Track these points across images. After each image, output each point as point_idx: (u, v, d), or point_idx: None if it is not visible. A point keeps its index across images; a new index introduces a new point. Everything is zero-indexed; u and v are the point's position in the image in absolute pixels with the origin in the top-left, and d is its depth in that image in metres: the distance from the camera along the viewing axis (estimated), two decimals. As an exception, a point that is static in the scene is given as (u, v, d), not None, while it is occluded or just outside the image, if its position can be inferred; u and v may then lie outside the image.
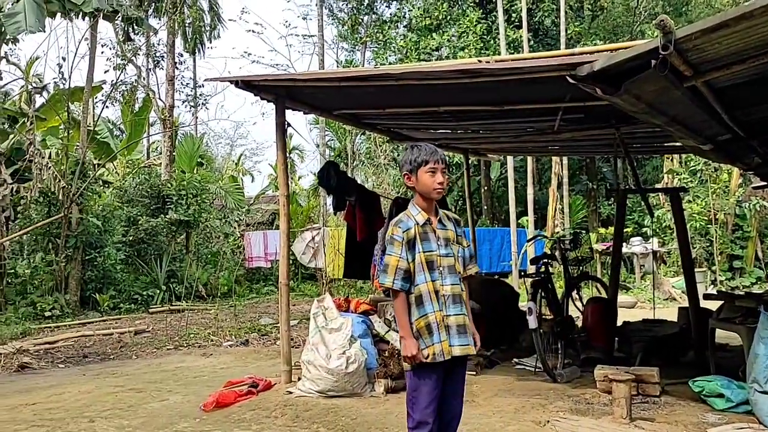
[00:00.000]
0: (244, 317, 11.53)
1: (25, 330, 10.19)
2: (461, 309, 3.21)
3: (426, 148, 3.26)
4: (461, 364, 3.29)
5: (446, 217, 3.34)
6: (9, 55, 13.62)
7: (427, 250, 3.19)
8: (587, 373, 5.92)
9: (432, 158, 3.21)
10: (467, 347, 3.21)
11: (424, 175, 3.22)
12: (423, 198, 3.26)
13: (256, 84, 5.86)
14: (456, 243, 3.29)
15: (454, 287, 3.20)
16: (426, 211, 3.25)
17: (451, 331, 3.16)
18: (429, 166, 3.21)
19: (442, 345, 3.14)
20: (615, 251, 7.79)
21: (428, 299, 3.16)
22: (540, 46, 18.73)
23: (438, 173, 3.21)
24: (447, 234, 3.27)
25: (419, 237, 3.20)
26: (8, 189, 12.32)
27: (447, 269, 3.20)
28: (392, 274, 3.16)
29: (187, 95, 24.91)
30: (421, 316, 3.17)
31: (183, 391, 6.10)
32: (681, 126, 5.05)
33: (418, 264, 3.18)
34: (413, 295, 3.20)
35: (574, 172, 22.30)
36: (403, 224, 3.23)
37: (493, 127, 7.48)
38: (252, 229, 20.24)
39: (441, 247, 3.22)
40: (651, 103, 4.21)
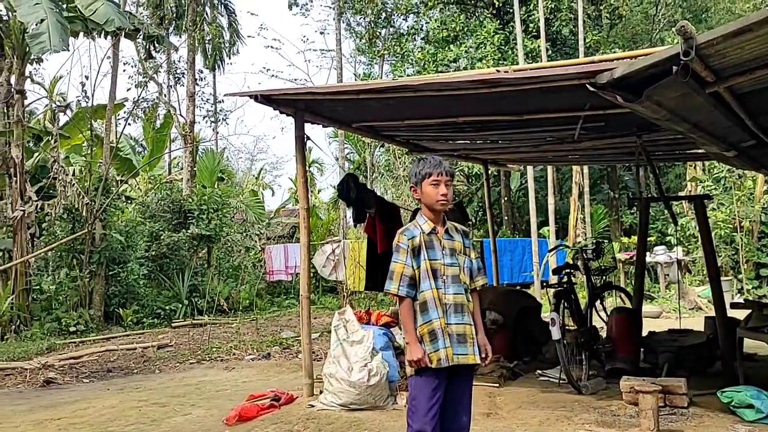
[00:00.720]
0: (266, 330, 11.56)
1: (51, 345, 10.30)
2: (463, 318, 3.25)
3: (431, 161, 3.33)
4: (465, 375, 3.31)
5: (454, 228, 3.39)
6: (33, 75, 13.87)
7: (432, 258, 3.26)
8: (612, 384, 5.83)
9: (435, 170, 3.28)
10: (466, 356, 3.23)
11: (427, 187, 3.29)
12: (429, 209, 3.33)
13: (275, 98, 5.90)
14: (462, 254, 3.34)
15: (456, 296, 3.25)
16: (433, 222, 3.32)
17: (452, 340, 3.21)
18: (432, 179, 3.27)
19: (447, 351, 3.18)
20: (639, 260, 7.68)
21: (433, 306, 3.22)
22: (558, 56, 18.67)
23: (441, 185, 3.27)
24: (453, 244, 3.32)
25: (425, 245, 3.27)
26: (33, 206, 12.50)
27: (451, 278, 3.26)
28: (397, 280, 3.24)
29: (207, 111, 25.19)
30: (425, 323, 3.23)
31: (206, 404, 6.11)
32: (704, 133, 4.98)
33: (424, 271, 3.25)
34: (418, 302, 3.26)
35: (595, 181, 22.12)
36: (409, 232, 3.31)
37: (513, 136, 7.45)
38: (272, 242, 20.32)
39: (446, 256, 3.28)
40: (673, 110, 4.16)
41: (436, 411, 3.16)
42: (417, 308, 3.25)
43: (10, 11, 11.60)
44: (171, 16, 21.80)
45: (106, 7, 11.60)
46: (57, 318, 11.95)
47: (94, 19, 11.53)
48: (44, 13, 10.64)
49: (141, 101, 20.09)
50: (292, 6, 26.07)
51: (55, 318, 11.96)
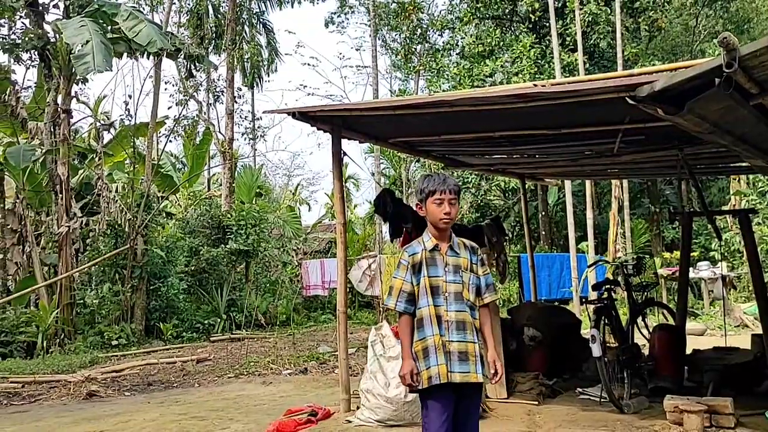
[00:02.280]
0: (303, 345, 11.61)
1: (93, 359, 10.51)
2: (465, 336, 3.22)
3: (436, 179, 3.33)
4: (471, 393, 3.28)
5: (463, 245, 3.38)
6: (79, 94, 14.31)
7: (432, 275, 3.26)
8: (656, 403, 5.69)
9: (439, 188, 3.27)
10: (468, 375, 3.20)
11: (431, 206, 3.29)
12: (434, 227, 3.33)
13: (312, 115, 5.96)
14: (469, 271, 3.32)
15: (458, 314, 3.23)
16: (437, 239, 3.32)
17: (452, 357, 3.19)
18: (436, 197, 3.27)
19: (439, 368, 3.16)
20: (682, 276, 7.51)
21: (428, 323, 3.22)
22: (596, 69, 18.47)
23: (445, 203, 3.26)
24: (458, 261, 3.31)
25: (426, 262, 3.28)
26: (78, 222, 12.83)
27: (453, 295, 3.24)
28: (395, 296, 3.26)
29: (245, 128, 25.55)
30: (420, 339, 3.24)
31: (244, 419, 6.15)
32: (748, 145, 4.87)
33: (423, 288, 3.25)
34: (416, 318, 3.27)
35: (635, 195, 21.73)
36: (411, 249, 3.34)
37: (550, 151, 7.38)
38: (309, 257, 20.44)
39: (448, 273, 3.27)
40: (716, 123, 4.07)
41: (447, 427, 3.16)
42: (415, 325, 3.26)
43: (58, 33, 12.01)
44: (211, 35, 22.29)
45: (148, 29, 11.92)
46: (100, 332, 12.21)
47: (137, 40, 11.86)
48: (89, 34, 10.99)
49: (181, 119, 20.49)
50: (328, 24, 26.45)
51: (98, 332, 12.21)
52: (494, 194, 23.02)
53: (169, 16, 19.22)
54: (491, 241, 7.93)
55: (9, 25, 12.82)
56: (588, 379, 6.72)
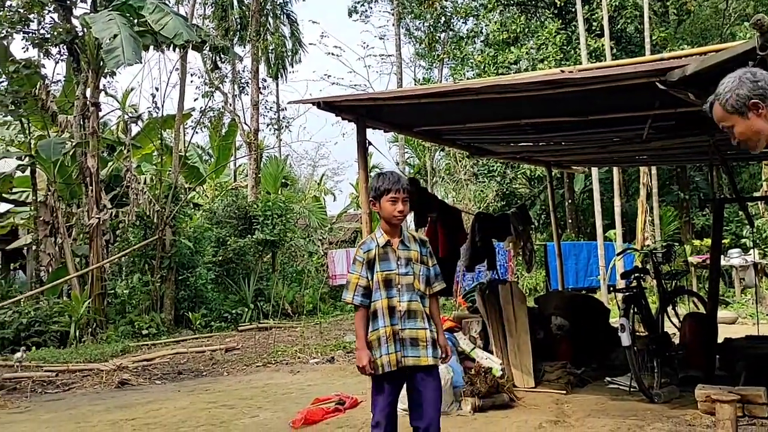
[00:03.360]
0: (329, 334, 11.68)
1: (125, 348, 10.70)
2: (416, 323, 3.42)
3: (390, 177, 3.49)
4: (425, 375, 3.43)
5: (412, 238, 3.56)
6: (107, 88, 14.50)
7: (385, 269, 3.43)
8: (686, 393, 5.62)
9: (394, 187, 3.43)
10: (418, 359, 3.39)
11: (386, 203, 3.45)
12: (386, 223, 3.49)
13: (337, 105, 5.96)
14: (419, 263, 3.50)
15: (411, 303, 3.41)
16: (389, 234, 3.49)
17: (405, 344, 3.39)
18: (390, 195, 3.43)
19: (390, 357, 3.37)
20: (713, 264, 7.38)
21: (381, 315, 3.40)
22: (623, 54, 18.17)
23: (399, 202, 3.43)
24: (409, 254, 3.48)
25: (379, 257, 3.45)
26: (108, 214, 13.03)
27: (405, 287, 3.43)
28: (352, 290, 3.45)
29: (270, 119, 25.66)
30: (373, 330, 3.43)
31: (272, 407, 6.22)
32: (783, 130, 4.75)
33: (376, 282, 3.43)
34: (370, 310, 3.45)
35: (664, 182, 21.40)
36: (365, 246, 3.52)
37: (577, 138, 7.29)
38: (335, 247, 20.54)
39: (401, 266, 3.44)
40: (749, 107, 3.98)
41: (390, 407, 3.43)
42: (370, 316, 3.45)
43: (86, 27, 12.15)
44: (235, 27, 22.40)
45: (174, 22, 12.00)
46: (130, 321, 12.41)
47: (164, 33, 11.94)
48: (117, 28, 11.09)
49: (207, 111, 20.68)
50: (352, 13, 26.40)
51: (129, 321, 12.42)
52: (520, 182, 22.85)
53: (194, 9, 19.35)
54: (517, 229, 7.88)
55: (38, 20, 13.01)
56: (617, 369, 6.66)
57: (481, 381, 5.59)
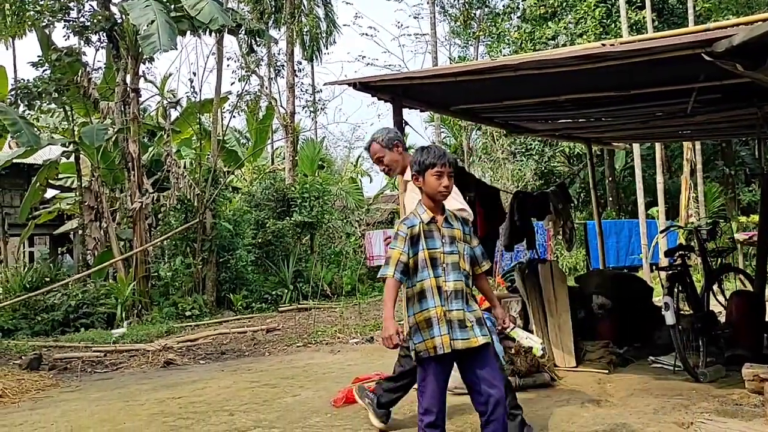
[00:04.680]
0: (368, 315, 11.75)
1: (169, 329, 10.95)
2: (461, 305, 3.30)
3: (435, 151, 3.38)
4: (477, 354, 3.33)
5: (453, 216, 3.44)
6: (146, 74, 14.70)
7: (431, 248, 3.31)
8: (733, 372, 5.49)
9: (439, 161, 3.32)
10: (468, 341, 3.28)
11: (430, 178, 3.34)
12: (429, 199, 3.38)
13: (373, 85, 5.93)
14: (462, 241, 3.39)
15: (456, 283, 3.30)
16: (432, 211, 3.36)
17: (453, 326, 3.27)
18: (436, 170, 3.32)
19: (443, 339, 3.24)
20: (760, 240, 7.18)
21: (430, 295, 3.28)
22: (665, 26, 17.64)
23: (444, 177, 3.32)
24: (453, 232, 3.36)
25: (424, 234, 3.32)
26: (150, 198, 13.29)
27: (450, 266, 3.31)
28: (393, 265, 3.28)
29: (306, 101, 25.77)
30: (422, 310, 3.29)
31: (314, 386, 6.30)
32: (836, 100, 4.57)
33: (422, 260, 3.30)
34: (415, 290, 3.32)
35: (708, 157, 20.83)
36: (409, 221, 3.37)
37: (618, 113, 7.13)
38: (372, 228, 20.60)
39: (445, 244, 3.32)
40: (801, 77, 3.83)
41: (441, 393, 3.33)
42: (414, 296, 3.32)
43: (124, 14, 12.33)
44: (270, 10, 22.44)
45: (210, 6, 12.07)
46: (174, 303, 12.69)
47: (200, 18, 12.04)
48: (154, 14, 11.22)
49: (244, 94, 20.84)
50: (385, -8, 26.12)
51: (172, 303, 12.70)
52: (558, 160, 22.52)
53: (228, -8, 19.41)
54: (557, 208, 7.77)
55: (78, 8, 13.25)
56: (660, 348, 6.55)
57: (521, 360, 5.56)
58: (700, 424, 4.33)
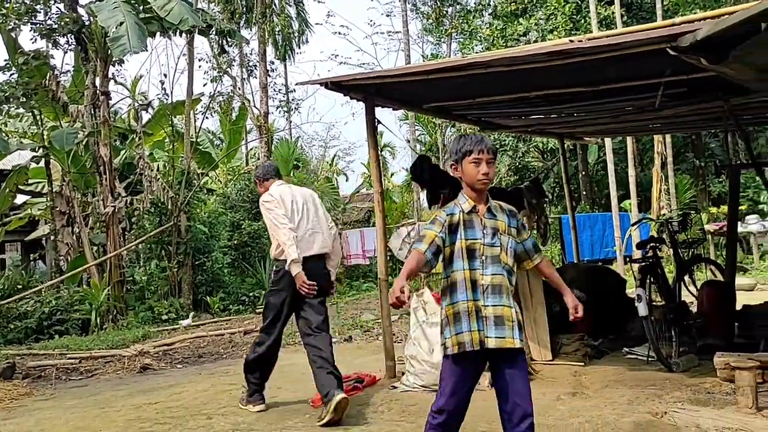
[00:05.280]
0: (346, 314, 11.74)
1: (145, 333, 10.82)
2: (501, 300, 3.08)
3: (472, 138, 3.17)
4: (510, 360, 3.09)
5: (499, 207, 3.24)
6: (116, 76, 14.51)
7: (470, 238, 3.12)
8: (705, 361, 5.60)
9: (476, 148, 3.12)
10: (503, 340, 3.04)
11: (468, 166, 3.14)
12: (470, 188, 3.19)
13: (345, 84, 5.94)
14: (507, 234, 3.17)
15: (495, 277, 3.09)
16: (474, 200, 3.18)
17: (488, 322, 3.05)
18: (473, 156, 3.12)
19: (472, 335, 3.04)
20: (730, 231, 7.31)
21: (462, 287, 3.09)
22: (634, 21, 17.86)
23: (483, 164, 3.11)
24: (496, 224, 3.16)
25: (464, 224, 3.14)
26: (123, 202, 13.12)
27: (490, 259, 3.10)
28: (427, 243, 3.09)
29: (280, 101, 25.59)
30: (452, 303, 3.12)
31: (292, 387, 6.28)
32: (799, 92, 4.67)
33: (459, 250, 3.11)
34: (448, 281, 3.15)
35: (679, 150, 21.16)
36: (449, 209, 3.21)
37: (589, 108, 7.21)
38: (349, 227, 20.57)
39: (486, 236, 3.13)
40: (764, 70, 3.92)
41: (462, 394, 3.11)
42: (447, 289, 3.15)
43: (92, 16, 12.14)
44: (241, 10, 22.25)
45: (179, 7, 11.94)
46: (150, 307, 12.55)
47: (169, 19, 11.89)
48: (123, 16, 11.06)
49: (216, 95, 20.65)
50: (357, -10, 26.10)
51: (148, 307, 12.56)
52: (532, 156, 22.71)
53: (199, -7, 19.22)
54: (531, 203, 7.85)
55: (45, 10, 13.01)
56: (634, 339, 6.66)
57: (498, 355, 5.60)
58: (673, 413, 4.42)
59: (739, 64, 3.72)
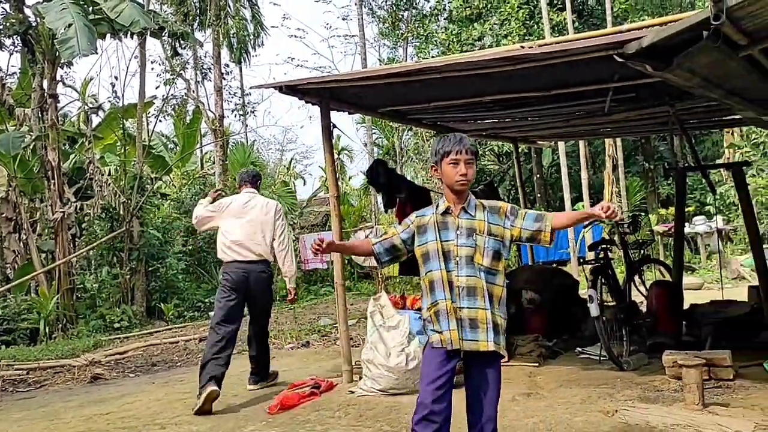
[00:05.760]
0: (304, 319, 11.67)
1: (96, 342, 10.55)
2: (476, 302, 3.05)
3: (451, 139, 3.15)
4: (483, 364, 3.11)
5: (480, 206, 3.16)
6: (65, 78, 14.12)
7: (444, 239, 3.11)
8: (655, 359, 5.76)
9: (455, 149, 3.09)
10: (477, 343, 3.04)
11: (447, 167, 3.11)
12: (450, 189, 3.16)
13: (300, 88, 5.90)
14: (486, 234, 3.08)
15: (469, 279, 3.05)
16: (452, 201, 3.15)
17: (464, 324, 3.05)
18: (451, 158, 3.10)
19: (451, 333, 3.05)
20: (677, 232, 7.54)
21: (440, 287, 3.09)
22: (585, 27, 18.28)
23: (461, 164, 3.08)
24: (472, 224, 3.10)
25: (438, 226, 3.14)
26: (73, 207, 12.78)
27: (464, 260, 3.06)
28: (381, 238, 3.30)
29: (235, 104, 25.31)
30: (432, 303, 3.13)
31: (248, 395, 6.21)
32: (739, 98, 4.85)
33: (435, 251, 3.11)
34: (426, 281, 3.16)
35: (630, 153, 21.71)
36: (421, 211, 3.27)
37: (542, 113, 7.34)
38: (306, 231, 20.45)
39: (460, 236, 3.09)
40: (706, 77, 4.05)
41: (442, 384, 3.06)
42: (426, 288, 3.16)
43: (39, 17, 11.80)
44: (194, 12, 21.93)
45: (130, 9, 11.71)
46: (101, 315, 12.24)
47: (120, 21, 11.65)
48: (71, 18, 10.79)
49: (170, 98, 20.32)
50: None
51: (100, 315, 12.25)
52: (489, 159, 22.96)
53: (151, -6, 18.86)
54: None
55: (-11, 11, 12.62)
56: (587, 339, 6.79)
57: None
58: (624, 411, 4.52)
59: (683, 71, 3.83)
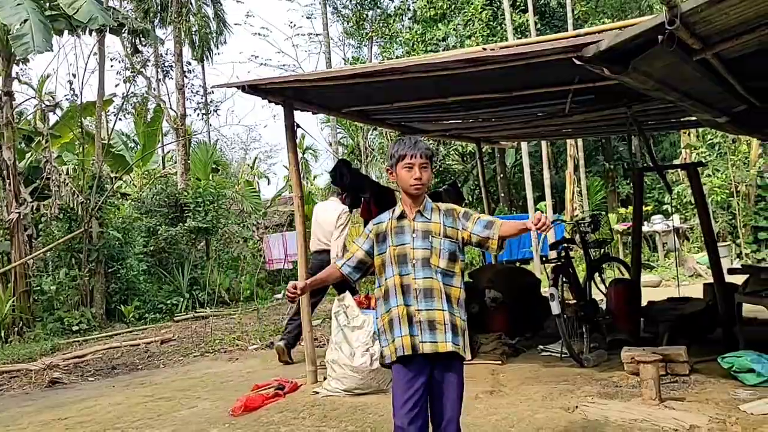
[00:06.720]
0: (268, 320, 11.58)
1: (54, 345, 10.31)
2: (433, 304, 3.03)
3: (406, 143, 3.12)
4: (445, 366, 3.08)
5: (437, 209, 3.15)
6: (20, 75, 13.77)
7: (399, 243, 3.09)
8: (614, 355, 5.88)
9: (409, 152, 3.07)
10: (436, 344, 3.01)
11: (401, 171, 3.10)
12: (405, 193, 3.14)
13: (263, 87, 5.86)
14: (441, 236, 3.07)
15: (426, 281, 3.04)
16: (407, 205, 3.14)
17: (423, 326, 3.02)
18: (406, 161, 3.08)
19: (403, 339, 3.01)
20: (635, 231, 7.70)
21: (393, 294, 3.07)
22: (547, 29, 18.55)
23: (415, 168, 3.06)
24: (428, 226, 3.09)
25: (393, 231, 3.12)
26: (29, 207, 12.46)
27: (421, 262, 3.04)
28: (346, 258, 3.26)
29: (197, 103, 24.99)
30: (386, 312, 3.10)
31: (211, 397, 6.14)
32: (694, 100, 4.98)
33: (389, 257, 3.10)
34: (381, 290, 3.14)
35: (590, 153, 22.09)
36: (378, 218, 3.24)
37: (504, 114, 7.43)
38: (270, 231, 20.31)
39: (416, 239, 3.07)
40: (661, 80, 4.15)
41: (414, 404, 3.00)
42: (381, 298, 3.13)
43: (-7, 13, 11.47)
44: (155, 8, 21.58)
45: (88, 5, 11.46)
46: (59, 318, 11.95)
47: (77, 17, 11.40)
48: (26, 13, 10.52)
49: (130, 96, 19.94)
50: (277, -8, 25.82)
51: (58, 318, 11.96)
52: (453, 159, 23.12)
53: (110, -10, 18.49)
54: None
55: (-61, 5, 12.20)
56: (549, 337, 6.90)
57: (418, 357, 5.67)
58: (583, 407, 4.60)
59: (639, 74, 3.92)
